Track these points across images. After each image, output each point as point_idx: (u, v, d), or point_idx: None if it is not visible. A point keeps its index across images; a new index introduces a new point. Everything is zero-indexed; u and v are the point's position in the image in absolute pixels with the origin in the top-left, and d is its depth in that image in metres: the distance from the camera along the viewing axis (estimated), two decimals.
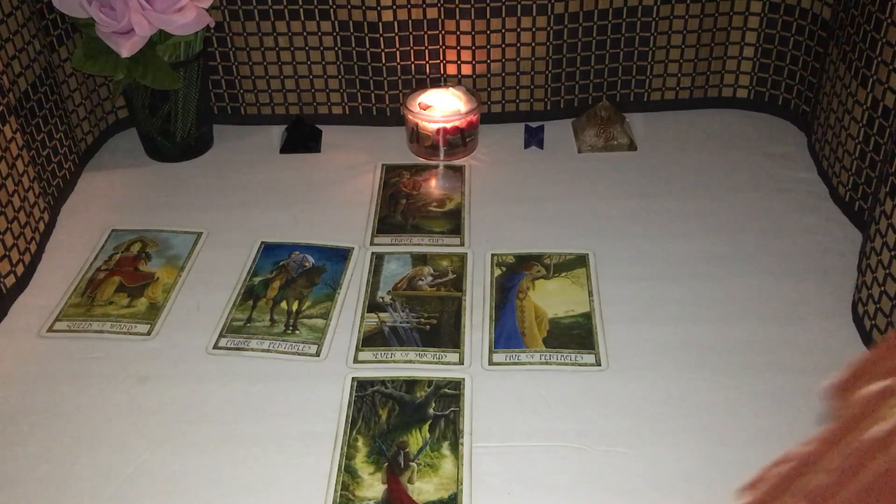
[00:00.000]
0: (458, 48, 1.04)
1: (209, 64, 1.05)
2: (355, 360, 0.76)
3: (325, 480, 0.65)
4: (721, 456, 0.66)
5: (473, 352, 0.76)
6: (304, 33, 1.03)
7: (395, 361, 0.76)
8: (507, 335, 0.78)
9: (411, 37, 1.03)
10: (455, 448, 0.67)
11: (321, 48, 1.05)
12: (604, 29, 1.04)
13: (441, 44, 1.04)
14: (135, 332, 0.80)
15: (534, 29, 1.02)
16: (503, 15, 1.01)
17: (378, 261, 0.88)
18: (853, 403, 0.28)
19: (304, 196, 0.98)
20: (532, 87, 1.07)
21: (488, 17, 1.01)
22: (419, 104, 1.02)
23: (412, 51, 1.04)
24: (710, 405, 0.71)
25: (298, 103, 1.09)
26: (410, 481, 0.65)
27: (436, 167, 1.02)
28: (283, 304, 0.82)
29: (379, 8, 1.00)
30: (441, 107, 1.02)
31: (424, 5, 1.01)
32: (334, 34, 1.03)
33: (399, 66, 1.05)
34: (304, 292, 0.84)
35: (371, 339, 0.78)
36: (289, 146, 1.06)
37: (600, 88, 1.09)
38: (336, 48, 1.04)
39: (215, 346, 0.78)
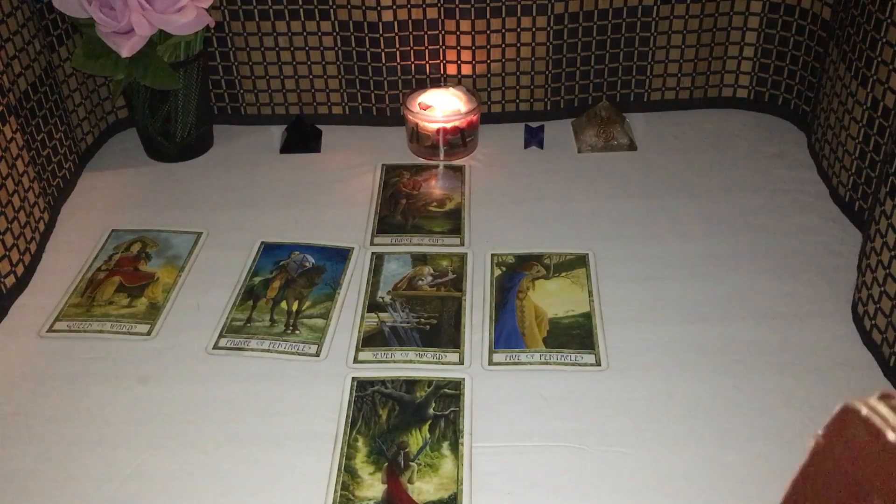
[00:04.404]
0: (458, 48, 1.04)
1: (209, 64, 1.05)
2: (355, 360, 0.76)
3: (325, 480, 0.65)
4: (721, 456, 0.66)
5: (473, 352, 0.76)
6: (304, 33, 1.03)
7: (395, 361, 0.76)
8: (507, 335, 0.78)
9: (411, 37, 1.03)
10: (455, 448, 0.67)
11: (321, 48, 1.05)
12: (604, 29, 1.04)
13: (441, 44, 1.04)
14: (135, 332, 0.80)
15: (534, 29, 1.02)
16: (503, 15, 1.01)
17: (378, 261, 0.87)
18: None
19: (304, 196, 0.98)
20: (532, 87, 1.07)
21: (488, 17, 1.01)
22: (419, 104, 1.02)
23: (412, 51, 1.04)
24: (710, 405, 0.71)
25: (298, 103, 1.09)
26: (410, 481, 0.65)
27: (436, 167, 1.02)
28: (283, 304, 0.82)
29: (379, 8, 1.00)
30: (441, 107, 1.02)
31: (424, 5, 1.01)
32: (334, 34, 1.03)
33: (399, 66, 1.05)
34: (304, 292, 0.84)
35: (371, 339, 0.78)
36: (289, 146, 1.06)
37: (600, 88, 1.09)
38: (336, 48, 1.04)
39: (215, 346, 0.78)
